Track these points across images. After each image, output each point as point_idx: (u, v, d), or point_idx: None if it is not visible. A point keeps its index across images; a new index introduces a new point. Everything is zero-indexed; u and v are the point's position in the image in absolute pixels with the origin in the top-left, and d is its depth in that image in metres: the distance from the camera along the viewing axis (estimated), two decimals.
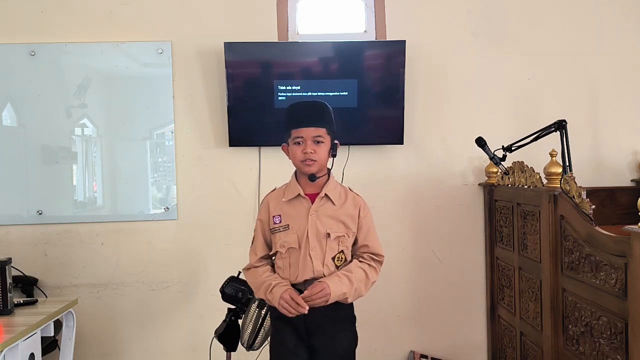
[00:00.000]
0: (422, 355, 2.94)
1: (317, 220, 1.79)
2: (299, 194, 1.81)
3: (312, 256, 1.77)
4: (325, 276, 1.76)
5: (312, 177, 1.79)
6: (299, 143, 1.78)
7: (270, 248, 1.87)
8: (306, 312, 1.69)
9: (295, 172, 1.88)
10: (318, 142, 1.78)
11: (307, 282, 1.76)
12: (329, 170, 1.86)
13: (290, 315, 1.71)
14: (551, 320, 2.19)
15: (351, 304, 1.85)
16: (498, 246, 2.83)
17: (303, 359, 1.80)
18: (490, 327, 2.96)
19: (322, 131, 1.79)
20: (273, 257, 1.90)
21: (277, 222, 1.83)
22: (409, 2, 2.98)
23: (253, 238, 1.91)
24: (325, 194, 1.81)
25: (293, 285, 1.79)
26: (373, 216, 2.97)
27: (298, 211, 1.81)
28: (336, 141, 1.85)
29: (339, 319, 1.81)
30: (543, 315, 2.28)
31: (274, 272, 1.86)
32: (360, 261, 1.84)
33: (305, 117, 1.79)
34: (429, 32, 2.98)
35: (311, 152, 1.76)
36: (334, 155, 1.84)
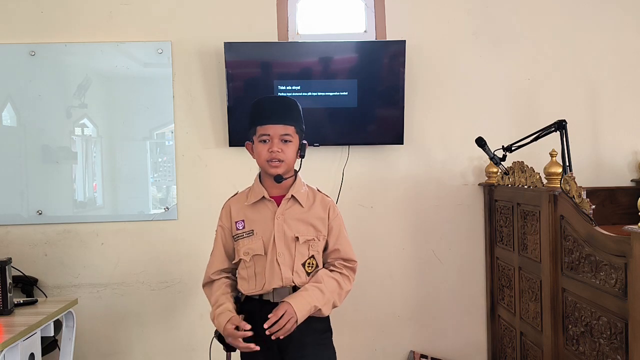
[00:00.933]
0: (422, 355, 2.94)
1: (284, 224, 1.67)
2: (264, 197, 1.69)
3: (280, 262, 1.64)
4: (295, 284, 1.65)
5: (279, 179, 1.66)
6: (265, 141, 1.66)
7: (231, 258, 1.75)
8: (257, 349, 1.57)
9: (259, 174, 1.76)
10: (285, 141, 1.66)
11: (277, 291, 1.65)
12: (296, 171, 1.75)
13: (237, 347, 1.59)
14: (551, 320, 2.19)
15: (326, 317, 1.72)
16: (498, 246, 2.83)
17: None
18: (490, 327, 2.96)
19: (290, 129, 1.67)
20: (234, 269, 1.78)
21: (240, 227, 1.70)
22: (409, 2, 2.98)
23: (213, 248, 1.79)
24: (292, 196, 1.69)
25: (260, 295, 1.67)
26: (373, 217, 3.00)
27: (263, 215, 1.69)
28: (304, 141, 1.74)
29: (312, 332, 1.68)
30: (543, 315, 2.28)
31: (230, 286, 1.74)
32: (331, 270, 1.71)
33: (272, 113, 1.67)
34: (429, 32, 2.98)
35: (278, 152, 1.65)
36: (302, 156, 1.72)
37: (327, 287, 1.66)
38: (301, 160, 1.75)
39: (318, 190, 1.80)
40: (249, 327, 1.60)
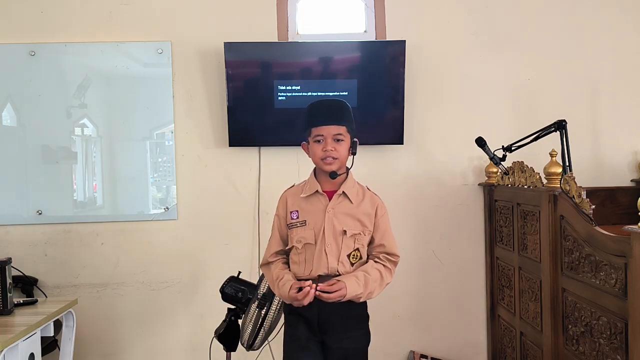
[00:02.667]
0: (422, 355, 2.94)
1: (333, 218, 1.80)
2: (317, 191, 1.83)
3: (328, 252, 1.78)
4: (339, 273, 1.77)
5: (333, 175, 1.80)
6: (319, 141, 1.80)
7: (285, 243, 1.88)
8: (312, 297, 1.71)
9: (315, 170, 1.89)
10: (338, 140, 1.79)
11: (322, 278, 1.77)
12: (347, 168, 1.87)
13: (301, 304, 1.72)
14: (551, 320, 2.19)
15: (364, 304, 1.86)
16: (498, 246, 2.83)
17: (315, 354, 1.80)
18: (490, 327, 2.96)
19: (342, 129, 1.80)
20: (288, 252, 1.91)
21: (295, 217, 1.84)
22: (409, 2, 2.98)
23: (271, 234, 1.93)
24: (343, 192, 1.83)
25: (306, 280, 1.80)
26: None
27: (315, 208, 1.82)
28: (355, 139, 1.86)
29: (351, 317, 1.82)
30: (543, 315, 2.28)
31: (286, 264, 1.88)
32: (376, 262, 1.84)
33: (325, 115, 1.81)
34: (429, 32, 2.98)
35: (331, 150, 1.78)
36: (353, 154, 1.86)
37: (372, 278, 1.78)
38: (353, 157, 1.87)
39: (368, 188, 1.92)
40: (307, 282, 1.73)
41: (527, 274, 2.46)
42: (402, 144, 2.90)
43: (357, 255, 1.82)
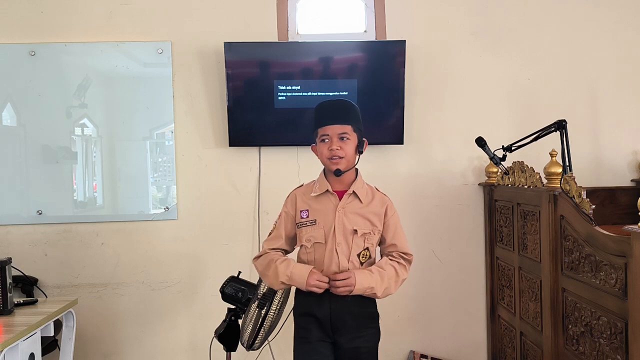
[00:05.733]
0: (422, 355, 2.94)
1: (344, 217, 1.81)
2: (327, 190, 1.84)
3: (339, 251, 1.79)
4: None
5: (338, 172, 1.81)
6: (324, 140, 1.82)
7: (288, 242, 1.90)
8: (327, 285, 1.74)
9: (324, 170, 1.90)
10: (344, 138, 1.81)
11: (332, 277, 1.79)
12: (356, 169, 1.89)
13: (319, 291, 1.74)
14: (551, 320, 2.19)
15: (374, 302, 1.88)
16: (498, 246, 2.83)
17: (326, 357, 1.81)
18: (490, 327, 2.96)
19: (347, 128, 1.81)
20: (289, 253, 1.93)
21: (305, 216, 1.85)
22: (409, 2, 2.98)
23: (271, 230, 1.93)
24: (353, 192, 1.84)
25: None
26: None
27: (325, 207, 1.84)
28: (364, 138, 1.88)
29: (364, 316, 1.84)
30: (543, 315, 2.28)
31: (283, 255, 1.88)
32: (390, 259, 1.86)
33: (330, 115, 1.82)
34: (429, 32, 2.98)
35: (337, 149, 1.79)
36: (360, 152, 1.86)
37: (387, 274, 1.80)
38: (358, 156, 1.87)
39: (377, 189, 1.94)
40: (325, 279, 1.76)
41: (527, 273, 2.46)
42: (402, 144, 2.90)
43: (366, 255, 1.84)
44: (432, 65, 2.97)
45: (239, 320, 2.27)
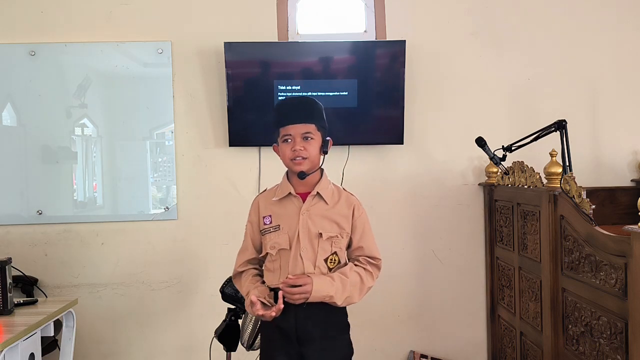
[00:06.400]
0: (422, 355, 2.94)
1: (308, 220, 1.72)
2: (290, 193, 1.75)
3: (303, 257, 1.69)
4: None
5: (302, 175, 1.71)
6: (287, 141, 1.71)
7: (258, 251, 1.81)
8: (279, 311, 1.63)
9: (287, 172, 1.81)
10: (307, 138, 1.71)
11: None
12: (321, 169, 1.79)
13: (268, 318, 1.65)
14: (551, 320, 2.19)
15: (344, 312, 1.79)
16: (498, 246, 2.83)
17: None
18: (490, 327, 2.96)
19: (311, 127, 1.71)
20: (262, 261, 1.84)
21: (268, 222, 1.76)
22: (409, 2, 2.98)
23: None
24: (318, 193, 1.74)
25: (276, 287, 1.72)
26: (373, 216, 2.97)
27: (289, 211, 1.74)
28: (328, 138, 1.78)
29: (331, 326, 1.74)
30: (543, 315, 2.28)
31: (257, 276, 1.81)
32: (356, 265, 1.76)
33: (292, 113, 1.72)
34: (429, 32, 2.98)
35: (300, 150, 1.69)
36: (325, 152, 1.77)
37: (350, 281, 1.70)
38: (323, 157, 1.79)
39: (344, 189, 1.85)
40: (261, 299, 1.68)
41: (527, 273, 2.46)
42: (402, 144, 2.90)
43: (334, 260, 1.74)
44: (432, 65, 2.97)
45: (239, 320, 2.27)
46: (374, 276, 1.79)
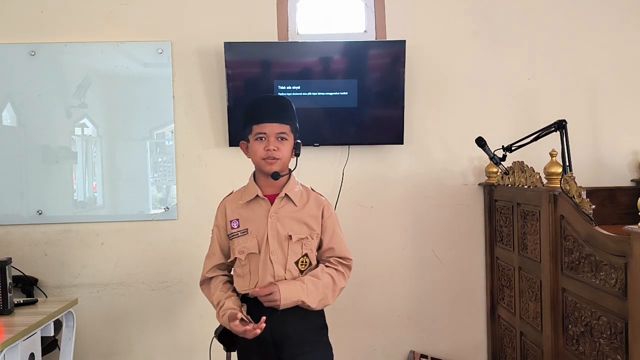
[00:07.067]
0: (422, 355, 2.94)
1: (277, 222, 1.68)
2: (257, 195, 1.71)
3: (273, 260, 1.66)
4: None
5: (276, 176, 1.68)
6: (261, 139, 1.67)
7: (226, 256, 1.78)
8: (261, 329, 1.59)
9: (254, 173, 1.78)
10: (282, 139, 1.68)
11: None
12: (290, 170, 1.77)
13: (251, 336, 1.60)
14: (551, 320, 2.19)
15: (322, 313, 1.76)
16: (498, 246, 2.83)
17: None
18: (490, 327, 2.96)
19: (286, 128, 1.69)
20: (230, 267, 1.82)
21: (235, 226, 1.72)
22: (409, 2, 2.98)
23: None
24: (286, 194, 1.71)
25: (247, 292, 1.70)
26: (373, 216, 3.00)
27: (257, 214, 1.71)
28: (299, 140, 1.76)
29: (308, 329, 1.71)
30: (543, 315, 2.28)
31: (227, 283, 1.78)
32: (327, 266, 1.73)
33: (268, 112, 1.68)
34: (429, 32, 2.98)
35: (274, 150, 1.66)
36: (297, 155, 1.75)
37: (322, 283, 1.67)
38: (297, 159, 1.77)
39: (312, 189, 1.81)
40: (242, 315, 1.64)
41: (527, 273, 2.46)
42: (402, 144, 2.90)
43: (305, 262, 1.70)
44: (432, 65, 2.97)
45: None
46: (345, 276, 1.76)
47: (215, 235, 1.80)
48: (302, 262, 1.70)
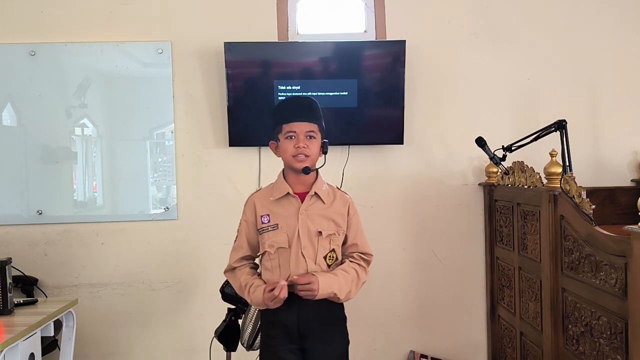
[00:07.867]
0: (422, 355, 2.94)
1: (307, 219, 1.76)
2: (288, 193, 1.78)
3: (305, 255, 1.74)
4: None
5: (307, 170, 1.75)
6: (291, 137, 1.75)
7: (253, 249, 1.85)
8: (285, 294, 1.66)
9: (283, 171, 1.85)
10: (310, 137, 1.76)
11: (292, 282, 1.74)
12: (317, 170, 1.84)
13: (278, 302, 1.68)
14: (551, 320, 2.19)
15: (342, 304, 1.84)
16: (498, 246, 2.83)
17: None
18: (490, 327, 2.96)
19: (314, 126, 1.77)
20: (256, 259, 1.88)
21: (266, 221, 1.79)
22: (409, 2, 2.98)
23: (235, 238, 1.89)
24: (315, 193, 1.79)
25: None
26: (373, 216, 3.00)
27: (287, 210, 1.78)
28: (325, 140, 1.83)
29: (331, 320, 1.80)
30: (543, 315, 2.28)
31: (253, 273, 1.84)
32: (351, 261, 1.82)
33: (298, 111, 1.77)
34: (429, 32, 2.98)
35: (304, 147, 1.74)
36: (324, 152, 1.82)
37: (350, 277, 1.77)
38: (325, 157, 1.84)
39: (338, 188, 1.90)
40: (279, 288, 1.68)
41: (527, 273, 2.46)
42: (402, 144, 2.90)
43: (332, 257, 1.79)
44: (432, 65, 2.97)
45: (239, 320, 2.27)
46: (367, 271, 1.85)
47: (244, 229, 1.85)
48: (330, 256, 1.79)
